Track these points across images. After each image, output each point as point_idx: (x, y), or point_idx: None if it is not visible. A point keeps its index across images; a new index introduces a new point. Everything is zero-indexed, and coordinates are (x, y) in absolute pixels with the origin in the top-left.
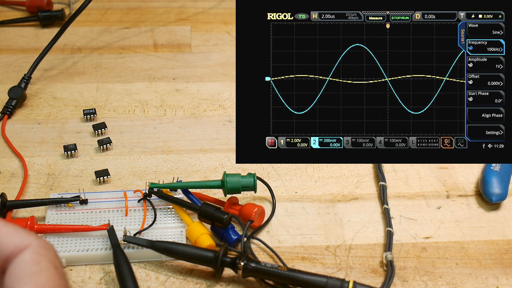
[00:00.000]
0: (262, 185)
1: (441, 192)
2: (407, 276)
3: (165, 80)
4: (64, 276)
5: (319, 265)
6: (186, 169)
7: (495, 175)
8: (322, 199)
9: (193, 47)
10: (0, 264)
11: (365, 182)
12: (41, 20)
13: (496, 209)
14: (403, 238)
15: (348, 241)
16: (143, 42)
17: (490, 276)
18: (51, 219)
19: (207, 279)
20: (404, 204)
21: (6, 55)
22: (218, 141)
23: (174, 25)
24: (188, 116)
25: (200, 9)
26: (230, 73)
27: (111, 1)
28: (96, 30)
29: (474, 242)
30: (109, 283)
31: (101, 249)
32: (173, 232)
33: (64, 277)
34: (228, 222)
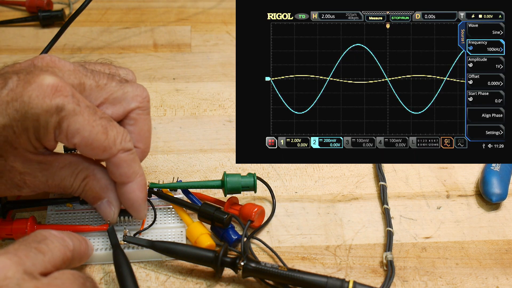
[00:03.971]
0: (262, 185)
1: (441, 192)
2: (407, 276)
3: (165, 80)
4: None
5: (319, 265)
6: (186, 169)
7: (495, 175)
8: (322, 199)
9: (193, 47)
10: (125, 112)
11: (365, 182)
12: (41, 20)
13: (496, 209)
14: (403, 238)
15: (348, 241)
16: (143, 42)
17: (490, 276)
18: (51, 219)
19: (207, 279)
20: (404, 204)
21: (6, 55)
22: (218, 141)
23: (174, 25)
24: (188, 116)
25: (200, 9)
26: (230, 73)
27: (111, 1)
28: (96, 30)
29: (474, 242)
30: (109, 283)
31: (101, 249)
32: (173, 232)
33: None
34: (228, 222)
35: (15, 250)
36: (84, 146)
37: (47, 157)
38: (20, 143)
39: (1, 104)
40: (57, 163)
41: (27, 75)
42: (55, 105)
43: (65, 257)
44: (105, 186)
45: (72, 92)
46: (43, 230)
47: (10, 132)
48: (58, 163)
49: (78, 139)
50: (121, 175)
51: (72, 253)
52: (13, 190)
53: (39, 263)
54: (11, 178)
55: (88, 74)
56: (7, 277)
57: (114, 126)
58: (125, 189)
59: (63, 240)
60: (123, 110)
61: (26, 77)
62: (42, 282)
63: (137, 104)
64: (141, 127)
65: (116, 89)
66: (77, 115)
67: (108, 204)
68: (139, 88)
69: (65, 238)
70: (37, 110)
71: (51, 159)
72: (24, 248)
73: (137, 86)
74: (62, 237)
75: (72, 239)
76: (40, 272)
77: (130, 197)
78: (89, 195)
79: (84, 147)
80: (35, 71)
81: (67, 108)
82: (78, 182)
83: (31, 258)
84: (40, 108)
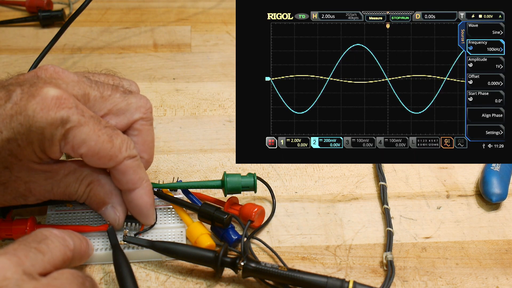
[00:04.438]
0: (262, 185)
1: (441, 192)
2: (407, 276)
3: (165, 80)
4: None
5: (319, 265)
6: (186, 169)
7: (495, 175)
8: (322, 199)
9: (193, 47)
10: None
11: (365, 182)
12: (41, 20)
13: (496, 209)
14: (403, 238)
15: (348, 241)
16: (143, 42)
17: (490, 276)
18: (51, 219)
19: (207, 279)
20: (404, 204)
21: (6, 55)
22: (218, 141)
23: (174, 25)
24: (188, 116)
25: (200, 9)
26: (230, 73)
27: (111, 1)
28: (96, 30)
29: (474, 242)
30: (109, 283)
31: (101, 249)
32: (173, 232)
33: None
34: (228, 222)
35: (15, 250)
36: (91, 156)
37: (52, 166)
38: (25, 155)
39: (5, 118)
40: (62, 170)
41: (30, 88)
42: (59, 117)
43: (65, 257)
44: (109, 192)
45: (76, 104)
46: (44, 229)
47: (15, 145)
48: (63, 171)
49: (84, 149)
50: (127, 182)
51: (72, 253)
52: (18, 200)
53: (38, 264)
54: (16, 188)
55: (93, 85)
56: (6, 278)
57: (119, 134)
58: (132, 196)
59: (64, 239)
60: (127, 121)
61: (30, 90)
62: (41, 283)
63: (141, 115)
64: (144, 137)
65: (120, 100)
66: (83, 126)
67: (113, 209)
68: (143, 99)
69: (66, 237)
70: (42, 124)
71: (56, 168)
72: (24, 248)
73: (141, 97)
74: (63, 236)
75: (73, 238)
76: (39, 272)
77: (138, 203)
78: (93, 201)
79: (91, 157)
80: (39, 83)
81: (72, 119)
82: (82, 188)
83: (31, 259)
84: (45, 121)
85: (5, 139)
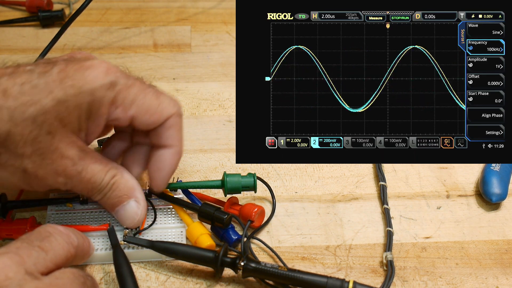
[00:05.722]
0: (262, 185)
1: (441, 192)
2: (407, 276)
3: (165, 80)
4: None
5: (319, 265)
6: (186, 169)
7: (495, 175)
8: (322, 199)
9: (193, 47)
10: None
11: (365, 182)
12: (41, 20)
13: (496, 209)
14: (403, 238)
15: (348, 241)
16: (143, 42)
17: (490, 276)
18: (51, 219)
19: (207, 279)
20: (404, 204)
21: (6, 55)
22: (218, 141)
23: (174, 25)
24: (188, 116)
25: (200, 9)
26: (230, 73)
27: (111, 1)
28: (96, 30)
29: (474, 242)
30: (109, 283)
31: (101, 249)
32: (173, 232)
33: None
34: (228, 222)
35: (17, 248)
36: (142, 115)
37: (85, 147)
38: (70, 121)
39: (54, 80)
40: (92, 155)
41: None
42: (109, 81)
43: (68, 254)
44: (132, 187)
45: (121, 70)
46: (48, 226)
47: (63, 108)
48: (92, 156)
49: (134, 109)
50: (168, 137)
51: (75, 250)
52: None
53: (40, 263)
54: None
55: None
56: (8, 278)
57: (162, 92)
58: (164, 153)
59: (68, 236)
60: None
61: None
62: (43, 282)
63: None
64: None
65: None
66: (130, 87)
67: (136, 203)
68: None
69: (71, 234)
70: (93, 85)
71: (88, 150)
72: (27, 246)
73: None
74: (68, 233)
75: (76, 235)
76: (42, 271)
77: (165, 162)
78: (115, 195)
79: (142, 116)
80: (80, 59)
81: (120, 82)
82: (108, 179)
83: (33, 257)
84: (96, 83)
85: (55, 98)
